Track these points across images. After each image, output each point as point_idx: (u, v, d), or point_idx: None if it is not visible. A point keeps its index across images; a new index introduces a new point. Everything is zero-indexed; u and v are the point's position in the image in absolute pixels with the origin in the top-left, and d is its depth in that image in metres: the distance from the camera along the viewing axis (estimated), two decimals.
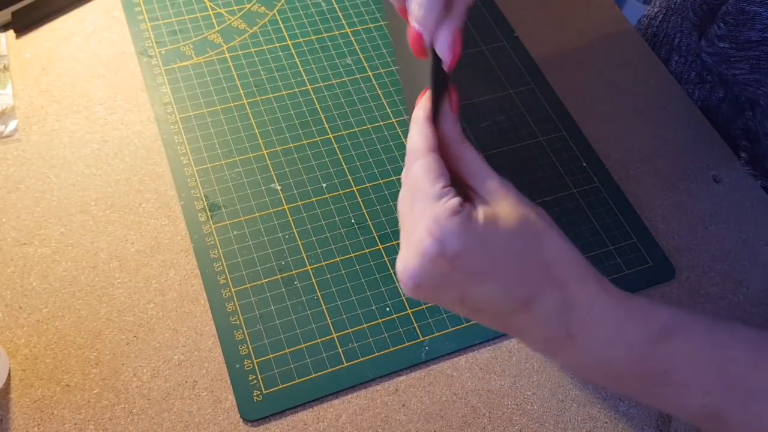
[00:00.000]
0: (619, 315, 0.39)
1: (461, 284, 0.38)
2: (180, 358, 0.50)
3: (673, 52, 0.72)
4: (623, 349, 0.39)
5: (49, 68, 0.63)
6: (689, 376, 0.39)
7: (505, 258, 0.38)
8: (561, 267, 0.39)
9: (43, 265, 0.53)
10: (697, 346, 0.40)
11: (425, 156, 0.39)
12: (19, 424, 0.46)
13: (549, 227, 0.40)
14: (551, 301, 0.38)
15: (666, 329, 0.40)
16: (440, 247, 0.36)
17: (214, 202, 0.57)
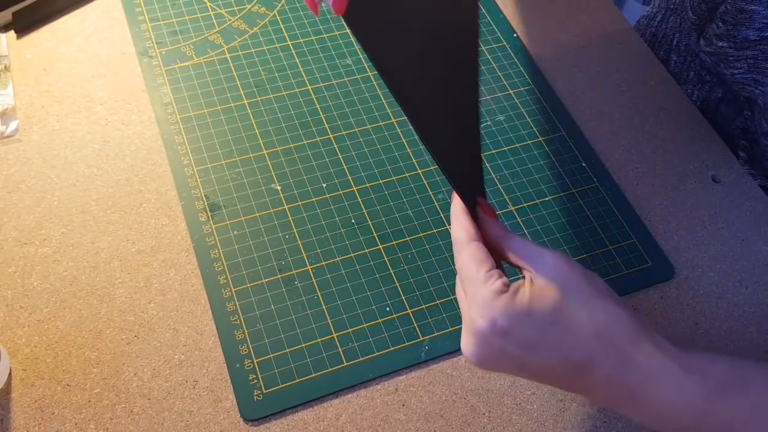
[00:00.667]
0: (676, 373, 0.41)
1: (518, 355, 0.40)
2: (180, 357, 0.50)
3: (671, 52, 0.73)
4: (684, 405, 0.41)
5: (49, 69, 0.64)
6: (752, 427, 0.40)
7: (554, 326, 0.40)
8: (612, 330, 0.40)
9: (44, 264, 0.53)
10: (757, 396, 0.41)
11: (468, 246, 0.43)
12: (20, 423, 0.46)
13: (598, 292, 0.41)
14: (607, 364, 0.40)
15: (724, 383, 0.41)
16: (490, 325, 0.40)
17: (214, 202, 0.57)
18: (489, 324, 0.40)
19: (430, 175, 0.61)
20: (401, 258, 0.56)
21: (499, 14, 0.73)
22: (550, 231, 0.59)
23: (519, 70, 0.69)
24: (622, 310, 0.41)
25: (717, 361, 0.42)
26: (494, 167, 0.62)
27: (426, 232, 0.58)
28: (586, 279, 0.41)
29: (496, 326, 0.40)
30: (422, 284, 0.55)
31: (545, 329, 0.40)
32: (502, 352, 0.40)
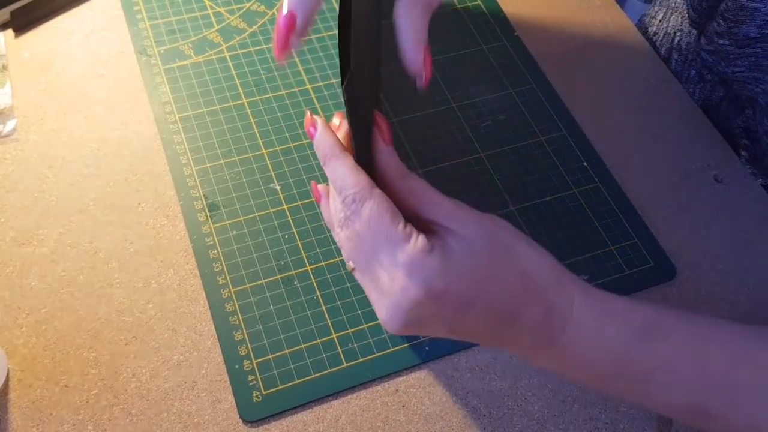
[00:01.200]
0: (597, 316, 0.40)
1: (449, 317, 0.38)
2: (179, 358, 0.50)
3: (673, 51, 0.73)
4: (603, 350, 0.40)
5: (47, 67, 0.63)
6: (670, 375, 0.40)
7: (486, 282, 0.38)
8: (537, 276, 0.39)
9: (41, 265, 0.53)
10: (677, 345, 0.40)
11: (371, 197, 0.37)
12: (18, 424, 0.46)
13: (516, 238, 0.40)
14: (534, 312, 0.39)
15: (645, 328, 0.40)
16: (425, 288, 0.36)
17: (213, 202, 0.57)
18: (423, 288, 0.36)
19: (429, 174, 0.60)
20: None
21: (500, 14, 0.73)
22: (551, 231, 0.58)
23: (519, 69, 0.68)
24: (542, 255, 0.40)
25: (639, 308, 0.41)
26: (494, 167, 0.62)
27: None
28: (499, 225, 0.40)
29: (432, 290, 0.36)
30: None
31: (480, 287, 0.37)
32: (434, 316, 0.37)
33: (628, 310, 0.40)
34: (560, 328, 0.39)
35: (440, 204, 0.39)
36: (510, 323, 0.39)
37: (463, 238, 0.37)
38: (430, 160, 0.61)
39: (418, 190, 0.39)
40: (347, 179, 0.38)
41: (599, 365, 0.40)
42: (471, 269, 0.37)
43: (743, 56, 0.61)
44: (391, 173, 0.39)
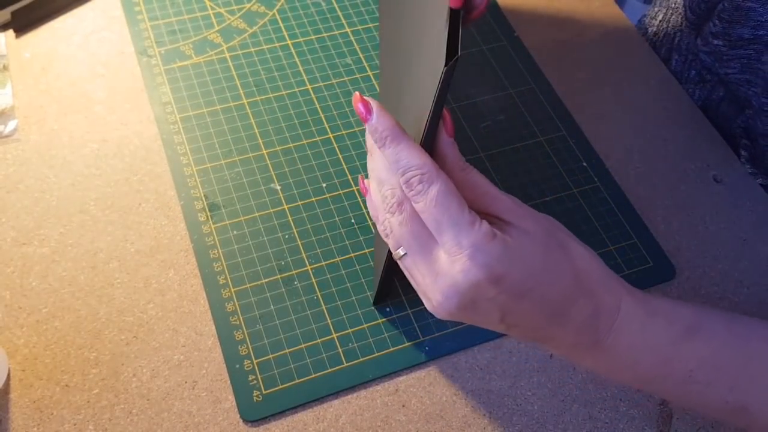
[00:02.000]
0: (643, 317, 0.40)
1: (503, 304, 0.38)
2: (180, 358, 0.50)
3: (673, 52, 0.73)
4: (647, 350, 0.40)
5: (48, 68, 0.63)
6: (713, 374, 0.40)
7: (542, 274, 0.38)
8: (589, 275, 0.40)
9: (42, 265, 0.53)
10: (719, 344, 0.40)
11: (439, 178, 0.37)
12: (19, 424, 0.46)
13: (570, 237, 0.41)
14: (584, 309, 0.39)
15: (688, 329, 0.41)
16: (487, 271, 0.36)
17: (213, 202, 0.57)
18: (484, 271, 0.36)
19: None
20: None
21: (499, 14, 0.73)
22: None
23: (519, 69, 0.68)
24: (592, 255, 0.40)
25: (682, 308, 0.41)
26: (494, 167, 0.62)
27: None
28: (555, 224, 0.41)
29: (492, 274, 0.36)
30: None
31: (536, 277, 0.38)
32: (489, 300, 0.37)
33: (671, 311, 0.41)
34: (606, 327, 0.40)
35: (499, 198, 0.39)
36: (559, 318, 0.39)
37: (523, 230, 0.38)
38: None
39: (478, 183, 0.39)
40: (414, 159, 0.38)
41: (643, 365, 0.41)
42: (529, 259, 0.38)
43: (736, 58, 0.61)
44: (451, 164, 0.39)
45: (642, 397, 0.51)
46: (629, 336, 0.40)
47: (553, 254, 0.39)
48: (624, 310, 0.40)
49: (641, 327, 0.40)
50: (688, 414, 0.51)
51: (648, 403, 0.51)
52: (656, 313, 0.41)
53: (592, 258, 0.41)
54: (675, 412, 0.51)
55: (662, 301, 0.42)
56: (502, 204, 0.39)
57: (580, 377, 0.52)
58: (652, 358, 0.40)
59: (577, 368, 0.52)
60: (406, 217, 0.39)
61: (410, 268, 0.40)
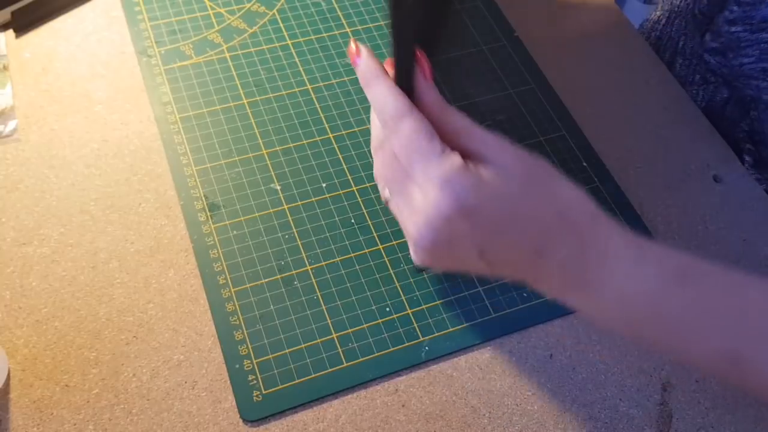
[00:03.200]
0: (635, 257, 0.39)
1: (480, 240, 0.37)
2: (179, 358, 0.50)
3: (677, 56, 0.73)
4: (639, 291, 0.39)
5: (48, 68, 0.63)
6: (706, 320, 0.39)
7: (520, 207, 0.37)
8: (573, 210, 0.39)
9: (42, 265, 0.53)
10: (713, 289, 0.39)
11: (411, 115, 0.37)
12: (19, 424, 0.46)
13: (556, 175, 0.40)
14: (567, 245, 0.38)
15: (681, 272, 0.39)
16: (457, 203, 0.36)
17: (213, 202, 0.57)
18: (455, 202, 0.36)
19: None
20: (401, 258, 0.56)
21: (499, 14, 0.73)
22: None
23: (519, 69, 0.68)
24: (580, 193, 0.40)
25: (676, 252, 0.40)
26: None
27: None
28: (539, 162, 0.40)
29: (464, 206, 0.36)
30: (423, 284, 0.55)
31: (513, 211, 0.37)
32: (465, 236, 0.37)
33: (665, 254, 0.40)
34: (595, 266, 0.39)
35: (480, 135, 0.39)
36: (541, 254, 0.38)
37: (501, 164, 0.37)
38: None
39: (458, 122, 0.39)
40: (387, 99, 0.38)
41: (634, 308, 0.39)
42: (505, 192, 0.37)
43: (756, 43, 0.60)
44: (430, 105, 0.39)
45: (642, 397, 0.51)
46: (621, 276, 0.39)
47: (534, 188, 0.38)
48: (615, 248, 0.39)
49: (634, 267, 0.39)
50: (688, 414, 0.51)
51: (648, 403, 0.51)
52: (650, 254, 0.39)
53: (578, 194, 0.39)
54: (675, 412, 0.51)
55: (656, 244, 0.40)
56: (482, 140, 0.39)
57: (580, 377, 0.52)
58: (644, 299, 0.39)
59: (577, 368, 0.52)
60: (386, 157, 0.39)
61: (395, 210, 0.40)
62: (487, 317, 0.54)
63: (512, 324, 0.54)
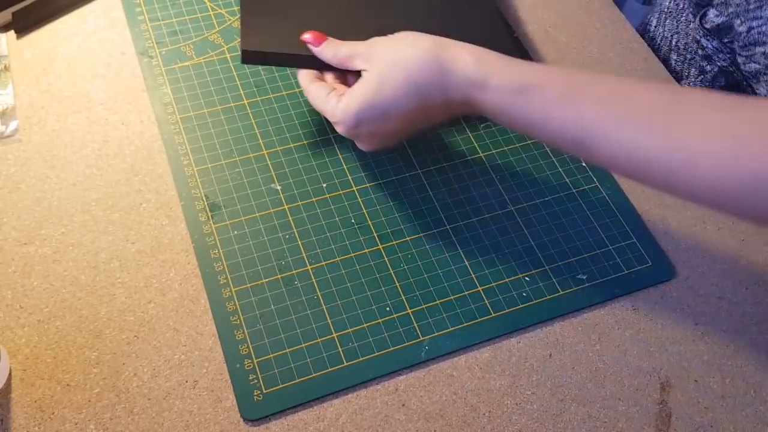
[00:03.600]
0: (484, 74, 0.51)
1: (376, 129, 0.54)
2: (180, 357, 0.50)
3: (671, 52, 0.73)
4: (494, 101, 0.51)
5: (49, 68, 0.64)
6: (549, 117, 0.49)
7: (385, 94, 0.52)
8: (423, 75, 0.52)
9: (43, 265, 0.53)
10: (555, 94, 0.49)
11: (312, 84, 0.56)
12: (20, 423, 0.46)
13: (413, 47, 0.53)
14: (438, 99, 0.52)
15: (524, 86, 0.49)
16: (345, 127, 0.54)
17: (214, 202, 0.57)
18: (344, 127, 0.54)
19: (429, 174, 0.61)
20: (401, 258, 0.56)
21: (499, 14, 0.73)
22: (550, 231, 0.58)
23: None
24: (418, 51, 0.52)
25: (522, 67, 0.51)
26: (494, 167, 0.62)
27: (426, 232, 0.58)
28: (395, 46, 0.53)
29: (349, 126, 0.54)
30: (422, 284, 0.55)
31: (383, 101, 0.52)
32: (369, 134, 0.55)
33: (510, 70, 0.51)
34: (466, 94, 0.51)
35: (354, 54, 0.54)
36: (427, 106, 0.52)
37: (364, 78, 0.53)
38: (430, 161, 0.62)
39: (344, 53, 0.55)
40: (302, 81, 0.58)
41: (502, 112, 0.51)
42: (371, 96, 0.52)
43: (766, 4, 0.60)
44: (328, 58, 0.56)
45: (641, 397, 0.51)
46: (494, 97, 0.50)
47: (387, 77, 0.52)
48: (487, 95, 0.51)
49: (484, 83, 0.50)
50: (686, 413, 0.51)
51: (647, 402, 0.51)
52: (494, 71, 0.50)
53: (418, 54, 0.52)
54: (674, 412, 0.51)
55: (501, 59, 0.52)
56: (357, 59, 0.54)
57: (579, 377, 0.52)
58: (500, 107, 0.50)
59: (576, 367, 0.52)
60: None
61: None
62: (487, 317, 0.54)
63: (512, 324, 0.54)
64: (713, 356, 0.54)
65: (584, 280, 0.56)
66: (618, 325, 0.55)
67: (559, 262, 0.57)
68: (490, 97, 0.50)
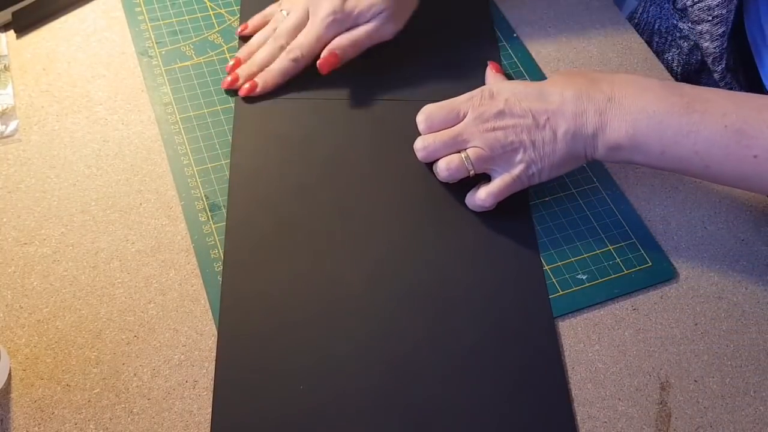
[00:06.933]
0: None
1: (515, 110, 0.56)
2: (180, 357, 0.50)
3: (653, 35, 0.77)
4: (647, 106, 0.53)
5: (49, 68, 0.64)
6: (707, 105, 0.51)
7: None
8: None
9: (43, 265, 0.53)
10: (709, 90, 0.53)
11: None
12: (20, 423, 0.46)
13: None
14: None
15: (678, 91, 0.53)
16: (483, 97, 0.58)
17: (214, 202, 0.57)
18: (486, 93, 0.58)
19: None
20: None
21: (499, 14, 0.73)
22: (550, 231, 0.58)
23: (519, 70, 0.69)
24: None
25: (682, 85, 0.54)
26: None
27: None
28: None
29: (494, 91, 0.57)
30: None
31: (544, 85, 0.57)
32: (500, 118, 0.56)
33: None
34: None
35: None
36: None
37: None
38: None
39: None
40: None
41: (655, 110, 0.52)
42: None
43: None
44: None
45: (641, 397, 0.51)
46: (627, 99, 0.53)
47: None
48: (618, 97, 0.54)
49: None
50: (686, 413, 0.51)
51: (647, 402, 0.51)
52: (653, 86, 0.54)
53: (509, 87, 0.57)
54: (673, 412, 0.51)
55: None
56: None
57: (579, 377, 0.52)
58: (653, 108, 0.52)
59: (576, 367, 0.52)
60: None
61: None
62: None
63: None
64: (713, 356, 0.54)
65: (584, 280, 0.56)
66: (618, 325, 0.55)
67: (559, 262, 0.57)
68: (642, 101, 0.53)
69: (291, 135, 0.60)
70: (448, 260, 0.55)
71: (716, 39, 0.66)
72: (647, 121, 0.52)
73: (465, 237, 0.56)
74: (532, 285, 0.54)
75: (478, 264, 0.55)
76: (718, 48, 0.67)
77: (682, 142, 0.51)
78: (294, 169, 0.58)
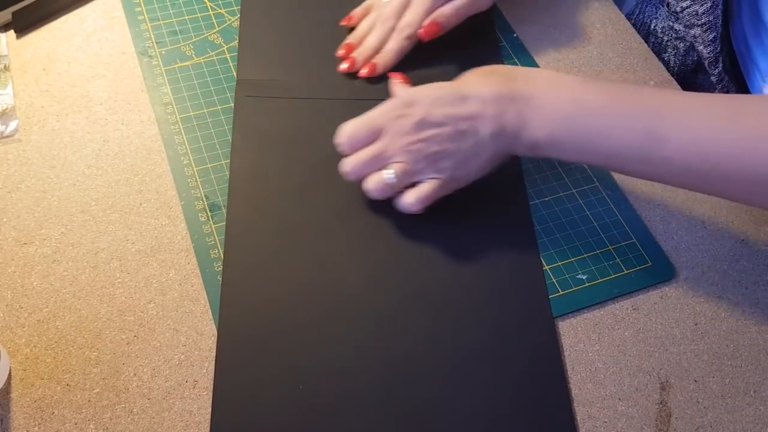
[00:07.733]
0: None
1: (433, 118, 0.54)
2: (180, 357, 0.50)
3: (650, 35, 0.78)
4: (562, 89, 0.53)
5: (49, 68, 0.64)
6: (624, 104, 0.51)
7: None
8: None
9: (43, 264, 0.53)
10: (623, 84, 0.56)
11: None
12: (20, 423, 0.46)
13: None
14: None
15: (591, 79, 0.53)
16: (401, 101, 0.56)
17: (214, 202, 0.57)
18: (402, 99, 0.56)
19: None
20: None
21: (500, 14, 0.73)
22: (550, 231, 0.58)
23: None
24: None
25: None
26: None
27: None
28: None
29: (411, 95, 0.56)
30: None
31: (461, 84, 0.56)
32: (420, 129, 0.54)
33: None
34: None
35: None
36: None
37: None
38: None
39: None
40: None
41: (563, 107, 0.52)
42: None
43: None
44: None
45: (641, 397, 0.51)
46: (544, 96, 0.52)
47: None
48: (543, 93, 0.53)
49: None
50: (686, 413, 0.51)
51: (647, 402, 0.51)
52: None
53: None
54: (673, 412, 0.51)
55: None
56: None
57: (579, 377, 0.52)
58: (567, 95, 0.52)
59: (576, 367, 0.52)
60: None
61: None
62: None
63: None
64: (713, 356, 0.54)
65: (584, 280, 0.56)
66: (618, 325, 0.55)
67: (559, 262, 0.57)
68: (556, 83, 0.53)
69: (291, 135, 0.60)
70: (448, 260, 0.55)
71: (708, 44, 0.66)
72: (564, 121, 0.51)
73: (465, 237, 0.56)
74: (532, 285, 0.54)
75: (478, 264, 0.55)
76: (712, 53, 0.67)
77: (597, 141, 0.51)
78: (294, 169, 0.58)
